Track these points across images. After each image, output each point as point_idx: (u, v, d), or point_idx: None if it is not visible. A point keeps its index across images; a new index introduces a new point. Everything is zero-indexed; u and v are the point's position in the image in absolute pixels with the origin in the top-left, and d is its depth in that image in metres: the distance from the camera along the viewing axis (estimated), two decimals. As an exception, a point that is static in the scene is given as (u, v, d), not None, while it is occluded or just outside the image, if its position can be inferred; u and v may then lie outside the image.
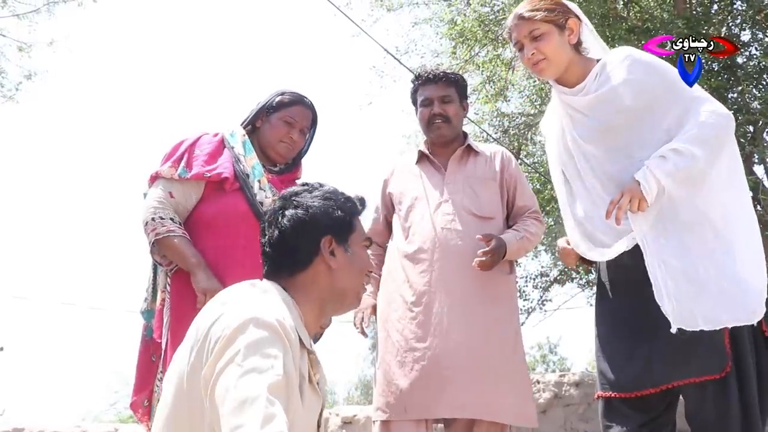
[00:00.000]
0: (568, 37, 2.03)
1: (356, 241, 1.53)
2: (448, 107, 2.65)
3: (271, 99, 2.35)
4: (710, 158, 1.84)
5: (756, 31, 6.84)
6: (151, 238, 2.12)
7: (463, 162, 2.67)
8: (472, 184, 2.60)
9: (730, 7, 7.04)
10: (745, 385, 1.80)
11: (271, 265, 1.48)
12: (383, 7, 9.04)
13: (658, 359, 1.86)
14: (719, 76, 6.73)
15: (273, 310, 1.30)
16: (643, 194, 1.82)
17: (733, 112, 6.85)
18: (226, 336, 1.22)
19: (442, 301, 2.46)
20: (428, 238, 2.53)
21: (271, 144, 2.32)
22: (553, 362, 25.28)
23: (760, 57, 6.67)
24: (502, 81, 8.51)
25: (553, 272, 9.71)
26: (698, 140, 1.83)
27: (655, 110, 1.93)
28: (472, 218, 2.54)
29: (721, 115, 1.88)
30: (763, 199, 6.54)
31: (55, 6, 9.85)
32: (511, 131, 8.86)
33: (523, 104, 9.14)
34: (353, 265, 1.50)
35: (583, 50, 2.09)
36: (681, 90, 1.92)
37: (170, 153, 2.24)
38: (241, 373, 1.16)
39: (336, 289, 1.48)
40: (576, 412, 4.82)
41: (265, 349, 1.20)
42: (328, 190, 1.53)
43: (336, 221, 1.48)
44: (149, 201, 2.16)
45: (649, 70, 1.95)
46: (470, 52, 8.41)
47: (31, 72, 9.90)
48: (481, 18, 7.85)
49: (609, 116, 1.97)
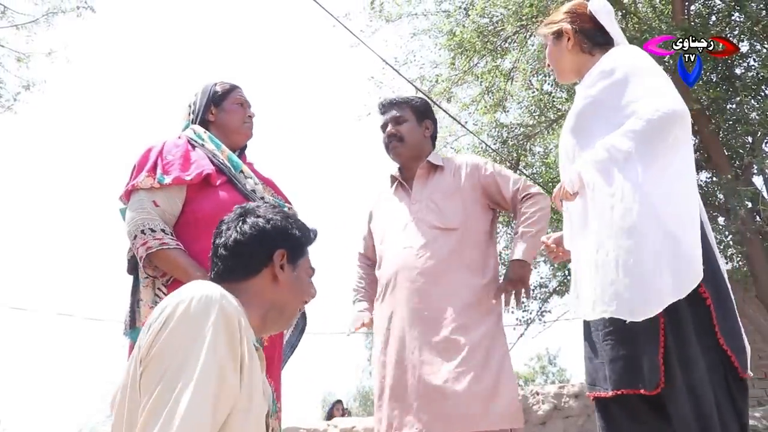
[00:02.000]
0: (565, 44, 2.16)
1: (304, 266, 1.60)
2: (400, 127, 2.76)
3: (211, 91, 2.39)
4: (641, 150, 1.82)
5: (754, 42, 6.85)
6: (141, 253, 2.04)
7: (428, 179, 2.74)
8: (435, 199, 2.66)
9: (728, 18, 7.05)
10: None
11: (221, 267, 1.52)
12: (382, 18, 9.06)
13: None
14: (718, 86, 6.74)
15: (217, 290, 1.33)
16: (567, 186, 1.95)
17: (732, 122, 6.87)
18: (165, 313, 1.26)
19: (404, 319, 2.50)
20: (394, 261, 2.60)
21: (236, 127, 2.36)
22: (552, 373, 25.25)
23: (758, 68, 6.68)
24: (501, 92, 8.53)
25: (552, 283, 9.67)
26: (629, 133, 1.84)
27: (606, 110, 1.97)
28: (435, 231, 2.58)
29: (657, 111, 1.83)
30: (763, 210, 6.53)
31: (54, 16, 9.83)
32: (509, 142, 8.85)
33: (522, 115, 9.16)
34: (295, 286, 1.56)
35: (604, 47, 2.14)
36: (636, 89, 1.93)
37: (141, 163, 2.18)
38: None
39: (277, 303, 1.52)
40: (575, 424, 4.79)
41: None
42: (289, 213, 1.62)
43: (292, 239, 1.57)
44: (134, 214, 2.08)
45: (607, 77, 1.99)
46: (469, 63, 8.42)
47: (29, 82, 9.87)
48: (480, 29, 7.87)
49: (578, 101, 2.07)
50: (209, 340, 1.21)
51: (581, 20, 2.17)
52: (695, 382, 1.77)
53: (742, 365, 1.80)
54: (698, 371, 1.77)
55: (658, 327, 1.80)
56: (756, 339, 7.72)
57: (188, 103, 2.43)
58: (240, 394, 1.26)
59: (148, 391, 1.19)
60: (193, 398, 1.15)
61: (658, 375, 1.78)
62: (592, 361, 2.00)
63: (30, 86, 9.88)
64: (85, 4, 9.79)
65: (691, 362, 1.78)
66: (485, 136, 9.18)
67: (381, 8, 9.01)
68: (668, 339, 1.80)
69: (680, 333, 1.80)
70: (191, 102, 2.41)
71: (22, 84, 9.85)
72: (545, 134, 8.85)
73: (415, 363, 2.42)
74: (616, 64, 2.00)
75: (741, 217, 6.31)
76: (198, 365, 1.18)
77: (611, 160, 1.85)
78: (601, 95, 1.99)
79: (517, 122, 9.16)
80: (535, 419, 4.78)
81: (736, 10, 6.78)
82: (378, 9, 8.99)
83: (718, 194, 7.45)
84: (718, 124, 7.13)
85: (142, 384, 1.22)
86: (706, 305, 1.81)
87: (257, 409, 1.33)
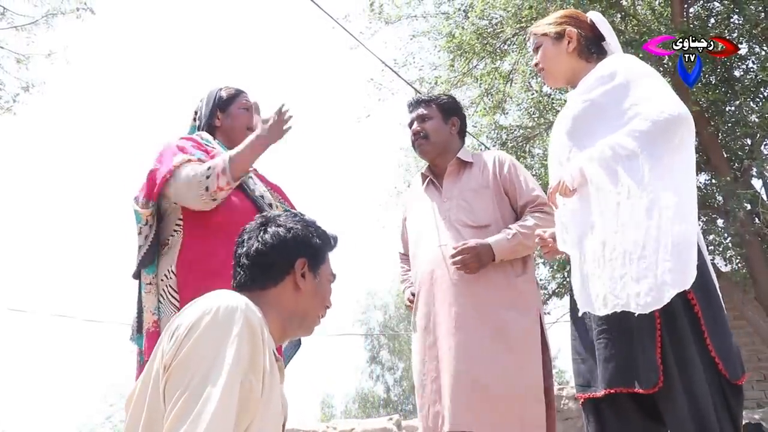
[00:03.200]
0: (566, 46, 2.16)
1: (325, 273, 1.61)
2: (425, 124, 2.78)
3: (216, 97, 2.41)
4: (647, 150, 1.83)
5: (753, 45, 6.86)
6: (229, 173, 2.08)
7: (458, 176, 2.74)
8: (465, 197, 2.66)
9: (727, 20, 7.06)
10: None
11: (244, 276, 1.54)
12: (381, 20, 9.08)
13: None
14: (717, 89, 6.75)
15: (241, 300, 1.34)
16: (567, 181, 1.96)
17: (731, 125, 6.87)
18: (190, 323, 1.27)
19: (444, 316, 2.51)
20: (429, 259, 2.61)
21: (241, 132, 2.37)
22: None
23: (757, 71, 6.69)
24: (500, 94, 8.54)
25: (552, 285, 9.67)
26: (634, 132, 1.86)
27: (605, 117, 1.98)
28: (468, 229, 2.59)
29: (663, 112, 1.85)
30: (762, 212, 6.53)
31: (54, 18, 9.85)
32: (509, 144, 8.85)
33: (521, 117, 9.16)
34: (317, 294, 1.57)
35: (599, 57, 2.16)
36: (633, 96, 1.94)
37: (166, 152, 2.19)
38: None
39: (298, 311, 1.54)
40: (575, 426, 4.80)
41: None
42: (310, 220, 1.63)
43: (313, 247, 1.58)
44: (184, 174, 2.09)
45: (608, 82, 2.00)
46: (468, 65, 8.43)
47: (28, 84, 9.89)
48: (479, 31, 7.88)
49: (576, 105, 2.07)
50: (234, 350, 1.23)
51: (584, 27, 2.19)
52: (693, 383, 1.77)
53: (730, 373, 1.80)
54: (696, 372, 1.77)
55: (655, 326, 1.81)
56: (755, 341, 7.73)
57: (194, 110, 2.44)
58: (260, 405, 1.28)
59: (171, 398, 1.21)
60: (218, 408, 1.17)
61: (656, 374, 1.78)
62: (586, 362, 1.99)
63: (29, 88, 9.89)
64: (84, 6, 9.81)
65: (688, 363, 1.78)
66: (484, 138, 9.19)
67: (380, 10, 9.04)
68: (665, 339, 1.80)
69: (677, 334, 1.81)
70: (197, 108, 2.43)
71: (21, 85, 9.86)
72: (544, 136, 8.85)
73: (457, 361, 2.43)
74: (616, 69, 2.01)
75: (740, 219, 6.32)
76: (223, 375, 1.20)
77: (616, 158, 1.86)
78: (602, 99, 1.99)
79: (516, 124, 9.16)
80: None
81: (734, 12, 6.80)
82: (377, 11, 9.02)
83: (717, 196, 7.46)
84: (717, 127, 7.14)
85: (167, 390, 1.23)
86: (694, 312, 1.82)
87: (274, 419, 1.35)
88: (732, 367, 1.80)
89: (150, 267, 2.17)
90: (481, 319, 2.46)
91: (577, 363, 2.04)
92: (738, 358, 1.84)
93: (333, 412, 25.63)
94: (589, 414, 1.99)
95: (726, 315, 1.91)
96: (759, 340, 7.41)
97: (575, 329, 2.06)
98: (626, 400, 1.90)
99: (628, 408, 1.91)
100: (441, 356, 2.49)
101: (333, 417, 23.85)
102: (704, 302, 1.83)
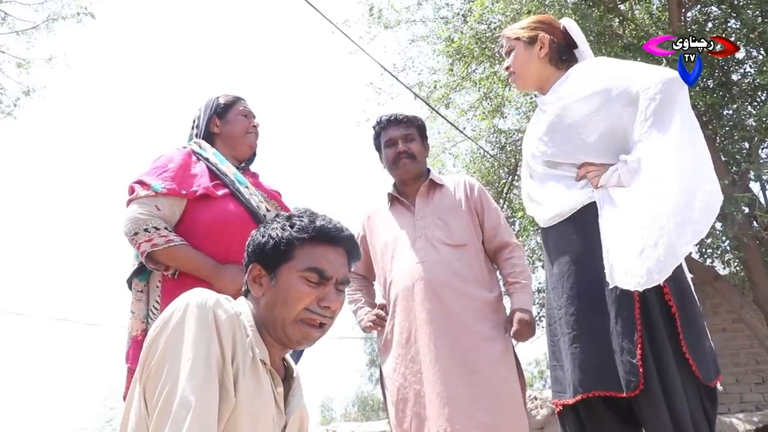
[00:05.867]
0: (538, 51, 2.18)
1: (290, 274, 1.39)
2: (411, 145, 2.82)
3: (214, 104, 2.40)
4: (662, 126, 1.91)
5: (750, 49, 6.88)
6: (145, 248, 2.02)
7: (429, 197, 2.80)
8: (440, 216, 2.72)
9: (725, 25, 7.08)
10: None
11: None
12: (380, 24, 9.11)
13: None
14: (715, 93, 6.77)
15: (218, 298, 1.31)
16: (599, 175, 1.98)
17: (729, 129, 6.89)
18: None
19: (425, 330, 2.55)
20: (408, 276, 2.64)
21: (240, 138, 2.37)
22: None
23: (755, 75, 6.71)
24: (499, 98, 8.57)
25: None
26: (649, 118, 1.91)
27: (599, 115, 2.00)
28: (445, 247, 2.65)
29: (663, 82, 1.91)
30: (760, 215, 6.55)
31: (54, 23, 9.91)
32: (507, 147, 8.89)
33: (520, 120, 9.18)
34: (278, 299, 1.39)
35: (569, 65, 2.19)
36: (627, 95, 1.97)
37: (147, 171, 2.16)
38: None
39: (270, 319, 1.40)
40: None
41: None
42: (292, 215, 1.47)
43: (267, 248, 1.42)
44: (135, 214, 2.05)
45: (602, 76, 2.03)
46: (467, 69, 8.46)
47: (29, 88, 9.95)
48: (478, 35, 7.90)
49: (558, 111, 2.08)
50: (193, 352, 1.20)
51: (557, 34, 2.21)
52: (671, 386, 1.79)
53: (704, 375, 1.81)
54: (673, 375, 1.79)
55: (635, 328, 1.82)
56: (753, 344, 7.73)
57: (192, 118, 2.43)
58: (237, 403, 1.24)
59: (151, 400, 1.20)
60: (197, 407, 1.15)
61: (637, 377, 1.79)
62: (563, 368, 2.01)
63: (30, 92, 9.95)
64: (85, 11, 9.87)
65: (667, 366, 1.80)
66: (483, 142, 9.22)
67: (380, 15, 9.07)
68: (645, 341, 1.82)
69: (655, 336, 1.83)
70: (195, 116, 2.42)
71: (22, 90, 9.93)
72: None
73: (442, 372, 2.47)
74: (594, 68, 2.07)
75: (738, 223, 6.34)
76: (197, 372, 1.18)
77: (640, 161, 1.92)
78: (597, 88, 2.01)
79: (515, 128, 9.20)
80: (533, 424, 4.79)
81: (732, 16, 6.82)
82: (377, 16, 9.05)
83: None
84: (715, 130, 7.16)
85: (147, 398, 1.22)
86: (671, 313, 1.84)
87: (264, 424, 1.31)
88: (705, 370, 1.82)
89: (142, 274, 2.17)
90: (461, 334, 2.51)
91: (555, 370, 2.05)
92: (713, 360, 1.86)
93: (333, 415, 25.61)
94: (566, 421, 2.01)
95: (702, 316, 1.93)
96: (757, 343, 7.41)
97: (551, 336, 2.08)
98: (601, 406, 1.92)
99: (602, 414, 1.93)
100: (424, 369, 2.51)
101: (333, 420, 23.80)
102: (680, 304, 1.85)
